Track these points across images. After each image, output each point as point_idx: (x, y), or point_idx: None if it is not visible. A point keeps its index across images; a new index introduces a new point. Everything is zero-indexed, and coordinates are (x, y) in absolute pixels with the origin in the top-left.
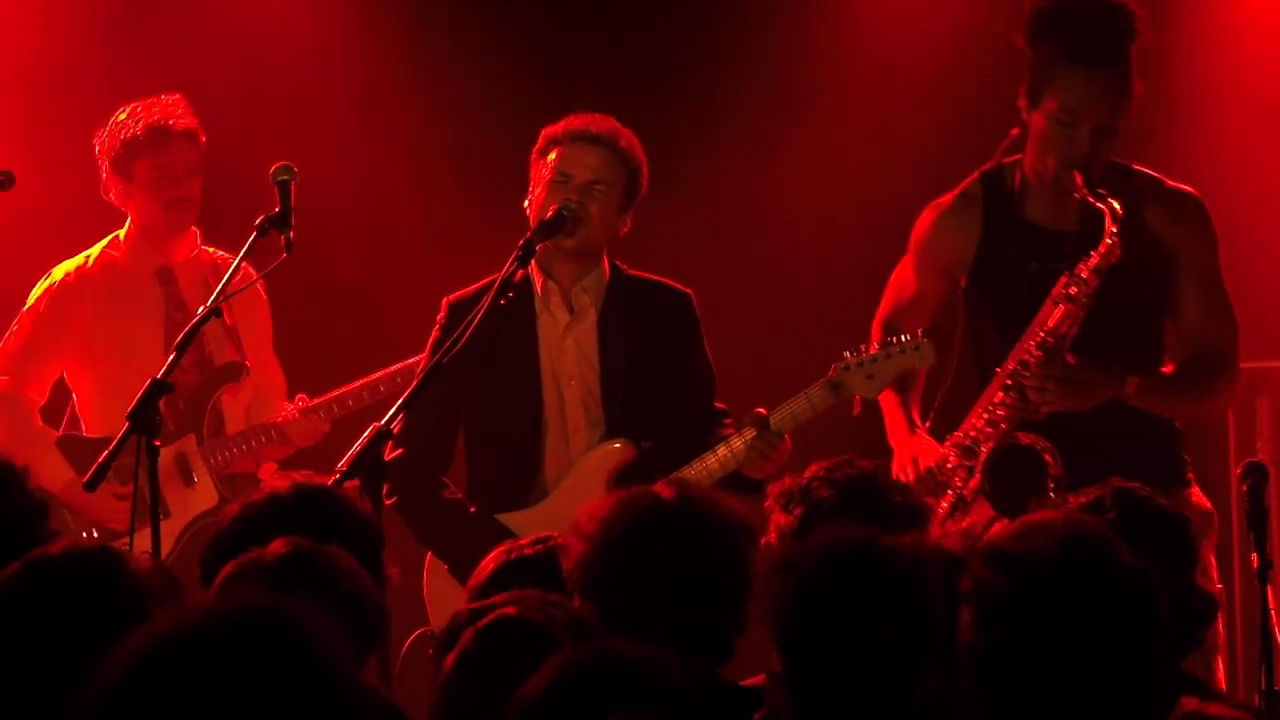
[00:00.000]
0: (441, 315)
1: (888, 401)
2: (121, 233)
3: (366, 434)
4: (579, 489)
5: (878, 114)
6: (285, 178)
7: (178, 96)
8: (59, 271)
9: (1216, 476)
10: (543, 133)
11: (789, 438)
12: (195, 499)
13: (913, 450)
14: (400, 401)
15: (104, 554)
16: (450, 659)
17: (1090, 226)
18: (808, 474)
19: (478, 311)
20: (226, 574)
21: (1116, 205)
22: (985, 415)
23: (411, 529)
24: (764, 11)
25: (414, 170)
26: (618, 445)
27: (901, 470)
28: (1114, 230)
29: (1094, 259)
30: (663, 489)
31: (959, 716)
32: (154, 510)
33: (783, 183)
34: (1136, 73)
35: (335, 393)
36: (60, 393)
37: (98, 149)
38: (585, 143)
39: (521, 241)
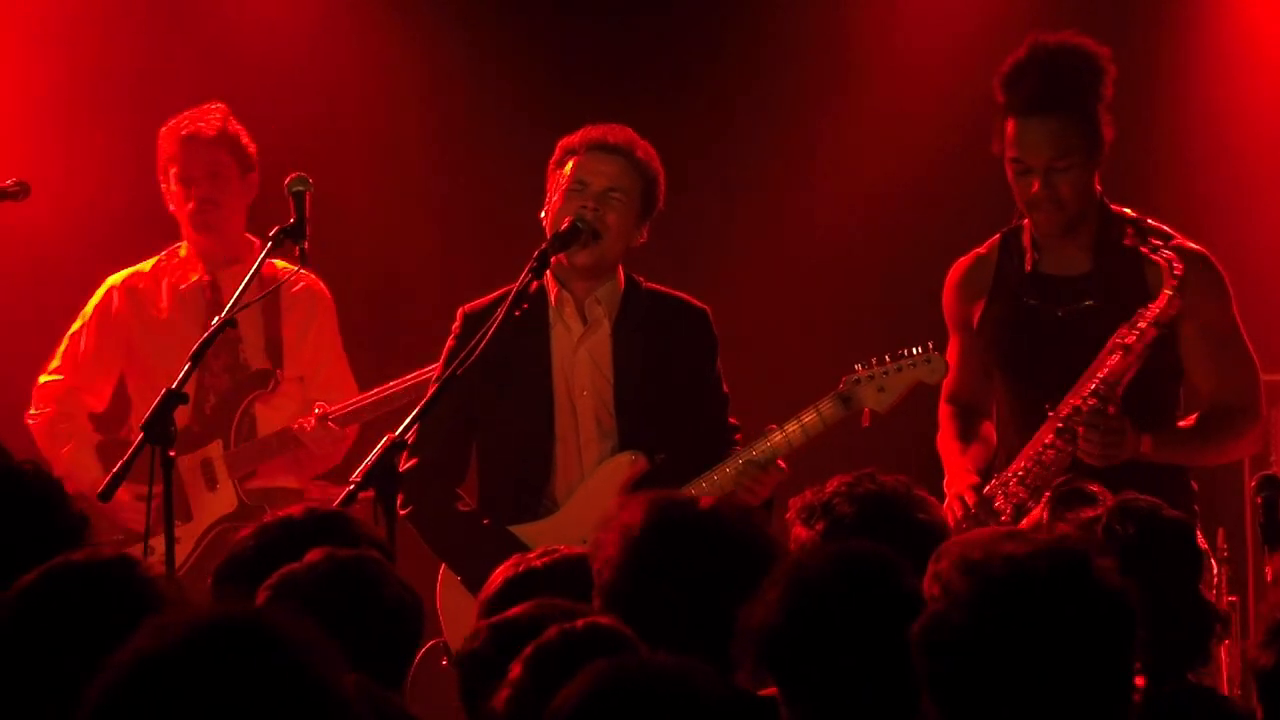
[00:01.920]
0: (456, 325)
1: (945, 446)
2: (183, 246)
3: (381, 445)
4: (592, 501)
5: (896, 128)
6: (300, 188)
7: (218, 104)
8: (116, 278)
9: (1231, 490)
10: (560, 143)
11: (783, 462)
12: (216, 503)
13: (959, 488)
14: (415, 412)
15: (123, 562)
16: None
17: (1104, 266)
18: (829, 488)
19: (493, 322)
20: (266, 594)
21: (1175, 261)
22: (1034, 455)
23: (425, 540)
24: (782, 24)
25: (431, 180)
26: (631, 458)
27: (949, 509)
28: (1174, 284)
29: (1152, 311)
30: (698, 498)
31: None
32: (168, 519)
33: (799, 196)
34: (1102, 109)
35: (351, 402)
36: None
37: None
38: (602, 152)
39: (536, 252)
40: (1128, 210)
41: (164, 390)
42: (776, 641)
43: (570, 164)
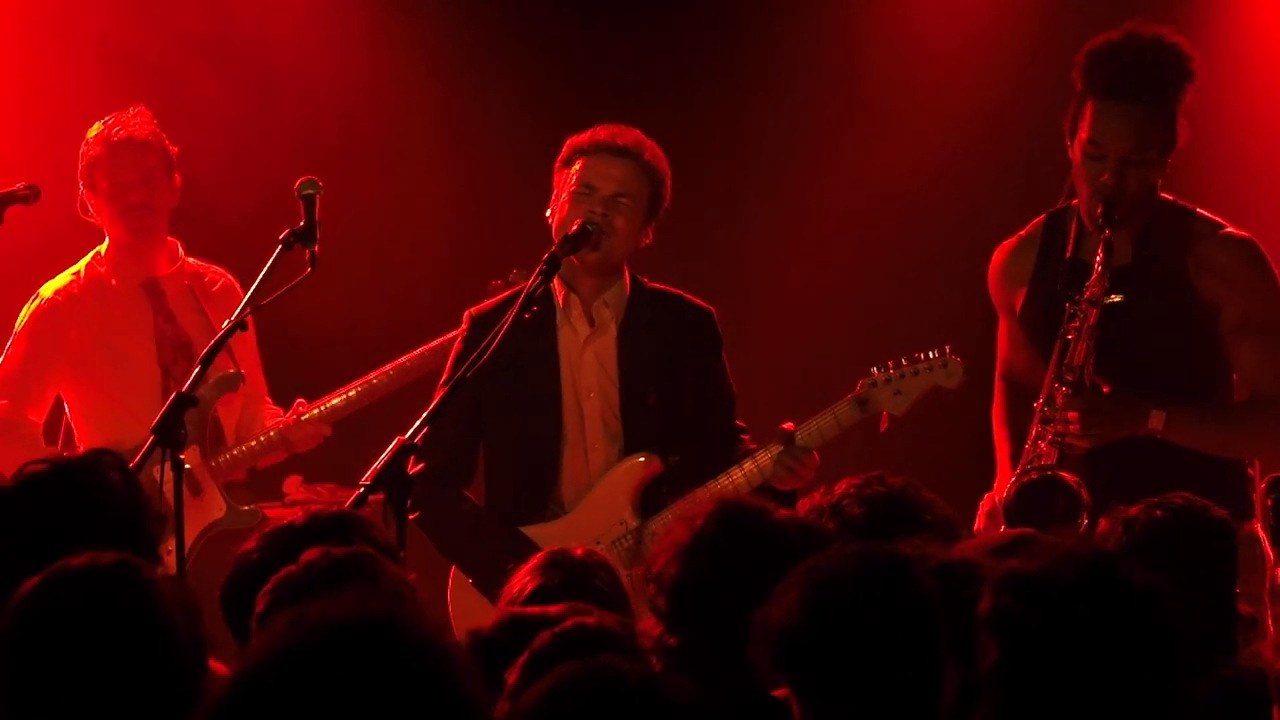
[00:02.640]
0: (463, 328)
1: (996, 429)
2: (102, 248)
3: (391, 447)
4: (605, 502)
5: (910, 128)
6: (310, 192)
7: (140, 108)
8: (47, 290)
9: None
10: (568, 142)
11: (817, 452)
12: (204, 509)
13: (990, 500)
14: (425, 415)
15: (126, 567)
16: (520, 670)
17: (1144, 259)
18: (839, 490)
19: (503, 325)
20: (265, 600)
21: (1110, 238)
22: (1029, 453)
23: (435, 543)
24: (792, 27)
25: (440, 180)
26: (643, 459)
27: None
28: (1101, 260)
29: (1085, 291)
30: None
31: None
32: (179, 522)
33: (811, 197)
34: (1181, 112)
35: (331, 396)
36: (55, 411)
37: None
38: (610, 154)
39: (546, 255)
40: (1178, 200)
41: (175, 394)
42: (794, 643)
43: (578, 165)
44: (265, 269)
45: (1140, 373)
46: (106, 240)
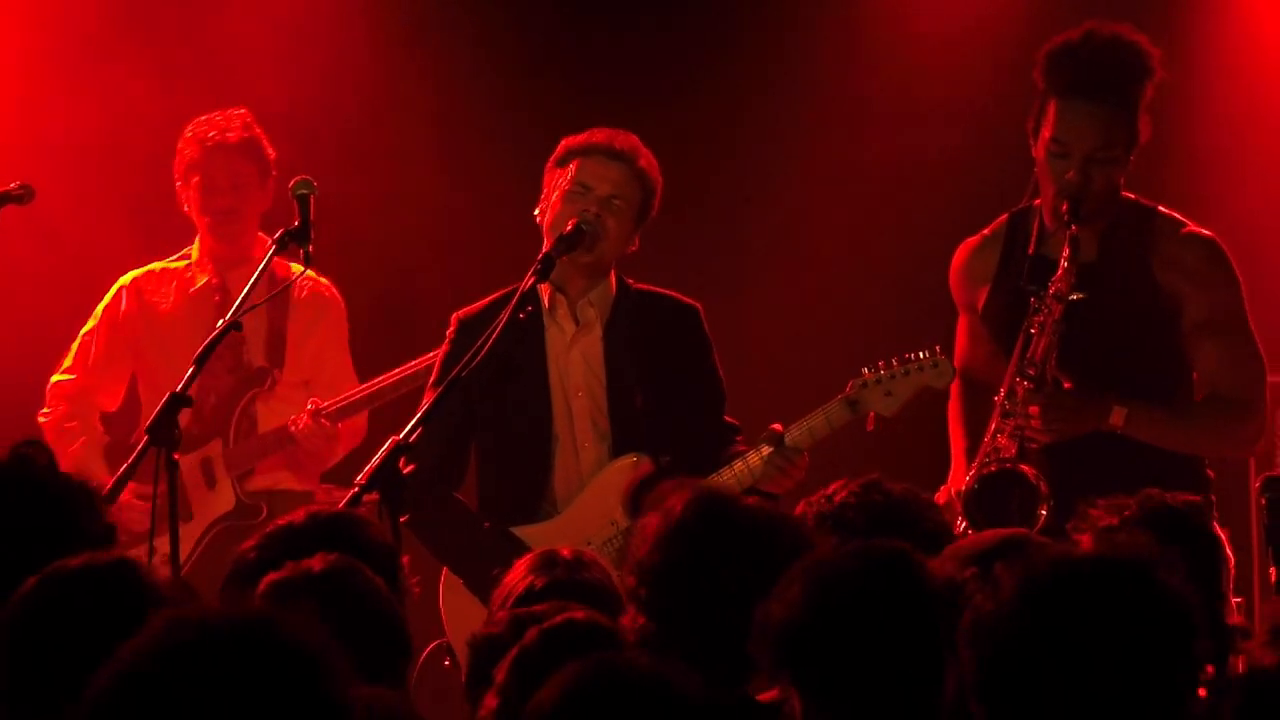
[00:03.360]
0: (451, 331)
1: (952, 428)
2: (194, 248)
3: (385, 448)
4: (596, 503)
5: (900, 129)
6: (305, 192)
7: (241, 110)
8: (126, 278)
9: (1236, 490)
10: (563, 142)
11: (807, 453)
12: (215, 502)
13: (947, 492)
14: (417, 417)
15: (123, 566)
16: (509, 667)
17: (1109, 257)
18: (838, 498)
19: (495, 326)
20: (263, 590)
21: (1076, 234)
22: (988, 446)
23: (426, 545)
24: (788, 27)
25: (437, 181)
26: (634, 460)
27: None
28: (1067, 256)
29: (1051, 286)
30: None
31: None
32: (173, 521)
33: (803, 197)
34: (1143, 109)
35: (343, 397)
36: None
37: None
38: (607, 157)
39: (541, 255)
40: (1140, 199)
41: (168, 393)
42: (798, 640)
43: (574, 165)
44: (260, 268)
45: (1103, 369)
46: (197, 239)
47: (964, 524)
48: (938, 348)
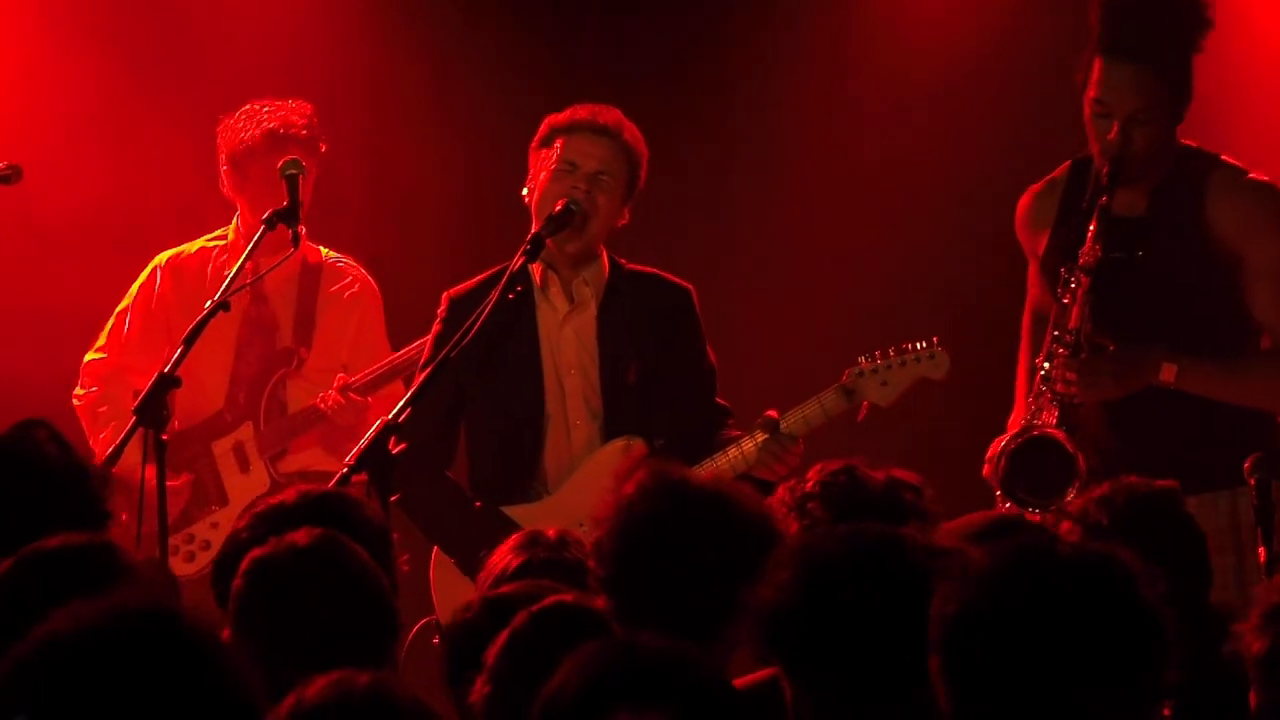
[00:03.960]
0: (442, 310)
1: (1021, 366)
2: (230, 229)
3: (374, 428)
4: (586, 485)
5: (893, 112)
6: (293, 172)
7: (303, 103)
8: (162, 258)
9: None
10: (546, 121)
11: (801, 441)
12: (251, 485)
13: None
14: (407, 396)
15: (97, 547)
16: (500, 652)
17: (1160, 210)
18: (816, 482)
19: (485, 305)
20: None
21: (1107, 204)
22: (1030, 407)
23: (416, 523)
24: (781, 11)
25: (421, 165)
26: (626, 443)
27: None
28: (1094, 227)
29: (1080, 258)
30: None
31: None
32: (161, 503)
33: (799, 182)
34: (1191, 67)
35: (370, 370)
36: None
37: (218, 140)
38: (592, 133)
39: (530, 235)
40: (1202, 148)
41: (156, 374)
42: (788, 625)
43: (559, 143)
44: (249, 248)
45: (1156, 326)
46: (235, 220)
47: (998, 491)
48: (935, 339)
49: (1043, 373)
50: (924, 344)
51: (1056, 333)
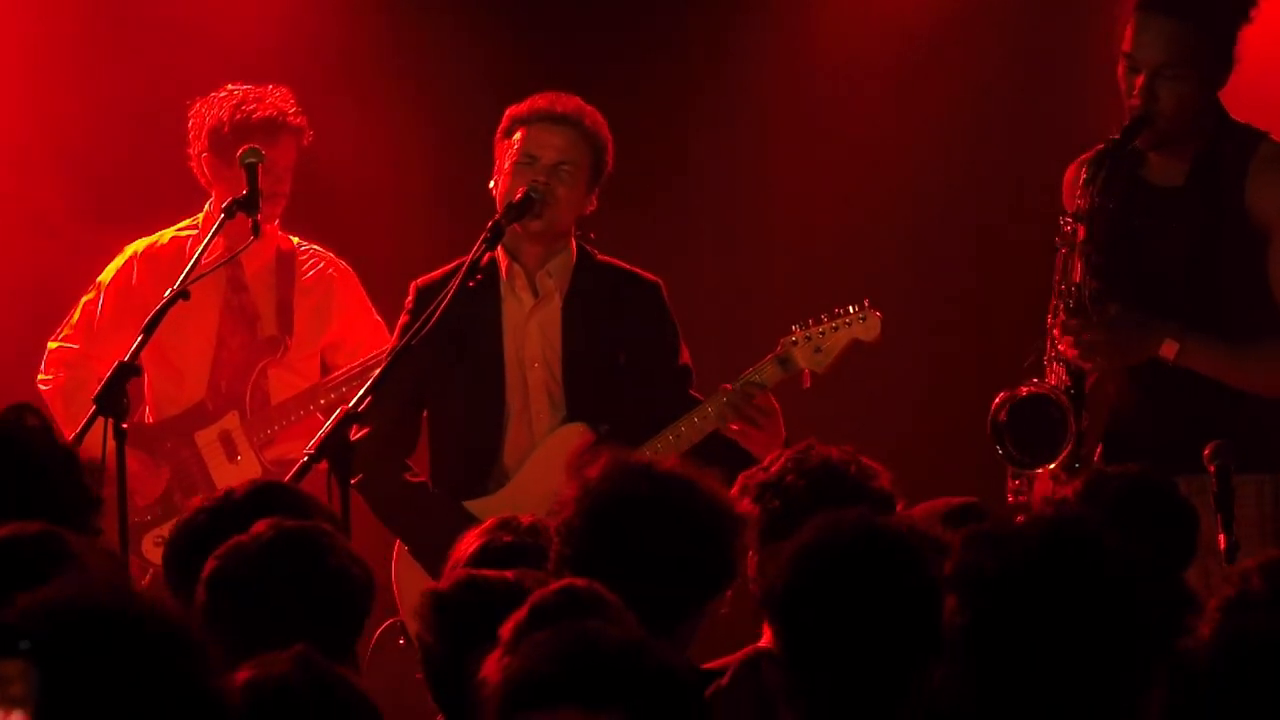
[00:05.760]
0: (410, 299)
1: None
2: (200, 216)
3: (334, 416)
4: (540, 473)
5: (860, 104)
6: (252, 160)
7: (285, 90)
8: (137, 246)
9: None
10: (507, 112)
11: (772, 397)
12: (241, 474)
13: None
14: (368, 384)
15: (48, 538)
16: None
17: (1197, 181)
18: (775, 467)
19: (446, 294)
20: (213, 564)
21: (1101, 154)
22: (1043, 369)
23: (375, 511)
24: (745, 4)
25: (393, 155)
26: (579, 429)
27: None
28: (1085, 183)
29: (1073, 204)
30: (656, 460)
31: (945, 697)
32: (121, 493)
33: (763, 173)
34: (1234, 35)
35: (358, 362)
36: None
37: (193, 123)
38: (550, 123)
39: (490, 224)
40: (1250, 125)
41: (116, 363)
42: (785, 603)
43: (519, 134)
44: (209, 236)
45: (1176, 297)
46: (208, 205)
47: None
48: (866, 301)
49: (1051, 331)
50: (855, 307)
51: (1063, 287)
